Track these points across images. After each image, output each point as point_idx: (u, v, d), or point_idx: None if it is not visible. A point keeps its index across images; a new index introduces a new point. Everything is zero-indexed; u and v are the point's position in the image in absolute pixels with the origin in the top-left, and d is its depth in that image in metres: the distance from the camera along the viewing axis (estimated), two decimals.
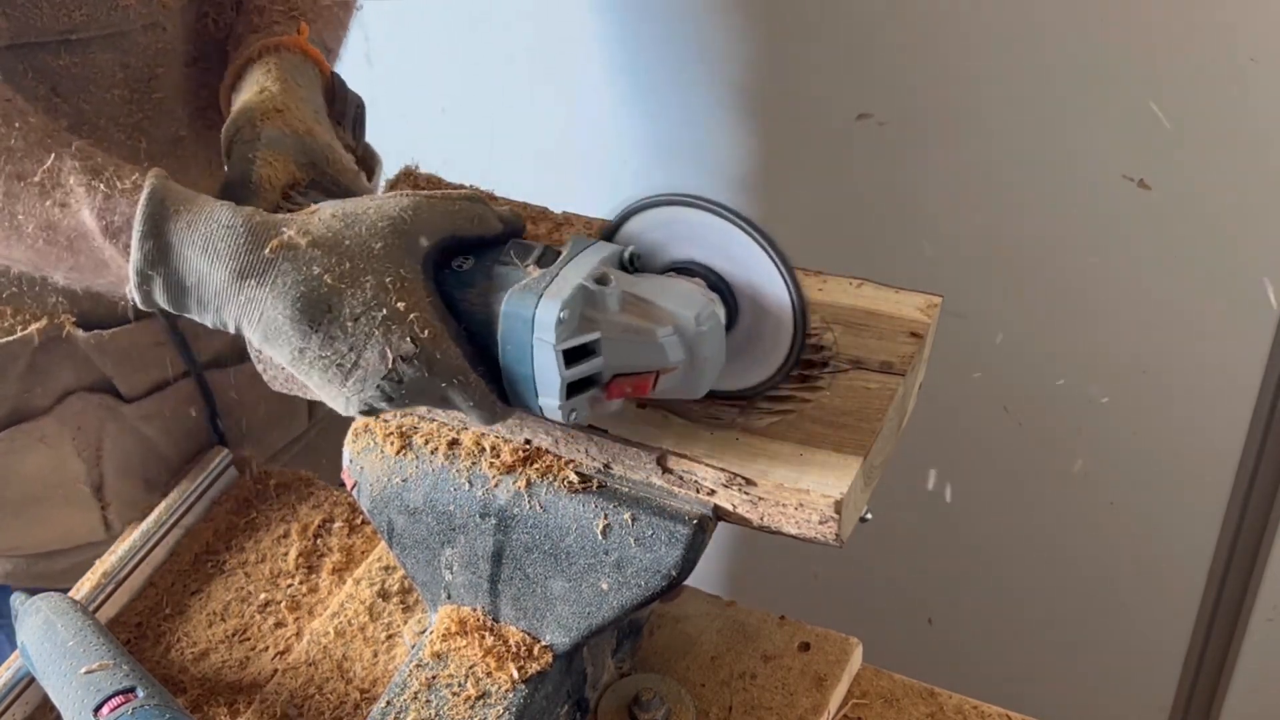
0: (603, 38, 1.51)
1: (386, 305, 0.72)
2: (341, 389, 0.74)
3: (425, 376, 0.73)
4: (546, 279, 0.73)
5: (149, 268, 0.74)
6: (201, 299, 0.75)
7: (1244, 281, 1.34)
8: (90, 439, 1.11)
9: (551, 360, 0.72)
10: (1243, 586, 1.56)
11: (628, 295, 0.74)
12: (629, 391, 0.75)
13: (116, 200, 0.76)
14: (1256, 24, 1.19)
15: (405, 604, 1.02)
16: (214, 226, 0.73)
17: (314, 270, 0.72)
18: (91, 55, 0.98)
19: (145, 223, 0.73)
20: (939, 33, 1.33)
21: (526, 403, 0.75)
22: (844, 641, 0.97)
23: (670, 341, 0.73)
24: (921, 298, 0.87)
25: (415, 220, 0.75)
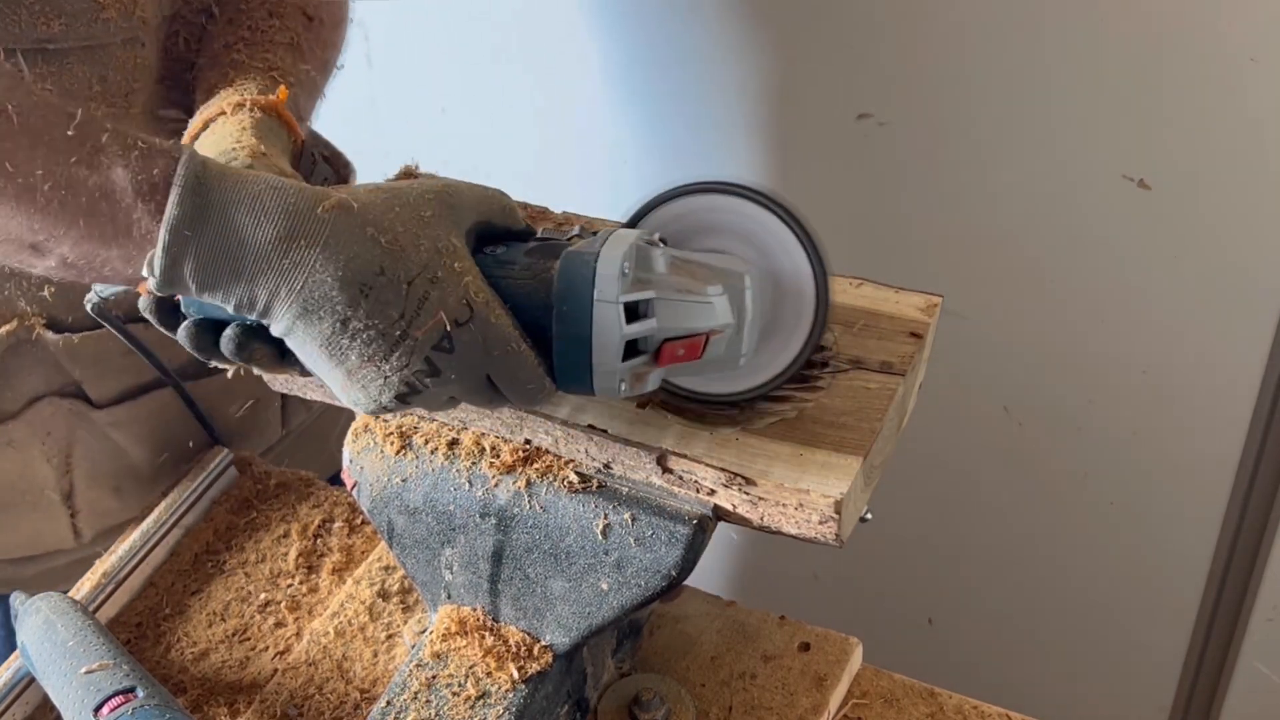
0: (602, 38, 1.51)
1: (442, 268, 0.70)
2: (383, 365, 0.71)
3: (480, 342, 0.71)
4: (600, 241, 0.72)
5: (186, 226, 0.68)
6: (238, 267, 0.69)
7: (1244, 281, 1.34)
8: (60, 445, 1.10)
9: (613, 317, 0.71)
10: (1243, 586, 1.56)
11: (676, 257, 0.74)
12: (680, 355, 0.74)
13: (154, 158, 0.71)
14: (1256, 24, 1.19)
15: (405, 604, 1.02)
16: (262, 186, 0.70)
17: (367, 231, 0.69)
18: (69, 67, 0.96)
19: (188, 178, 0.69)
20: (939, 33, 1.33)
21: (577, 373, 0.73)
22: (844, 641, 0.97)
23: (720, 300, 0.73)
24: (921, 298, 0.87)
25: (457, 196, 0.74)
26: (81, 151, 0.71)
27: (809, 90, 1.43)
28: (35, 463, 1.09)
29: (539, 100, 1.59)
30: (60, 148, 0.71)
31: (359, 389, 0.72)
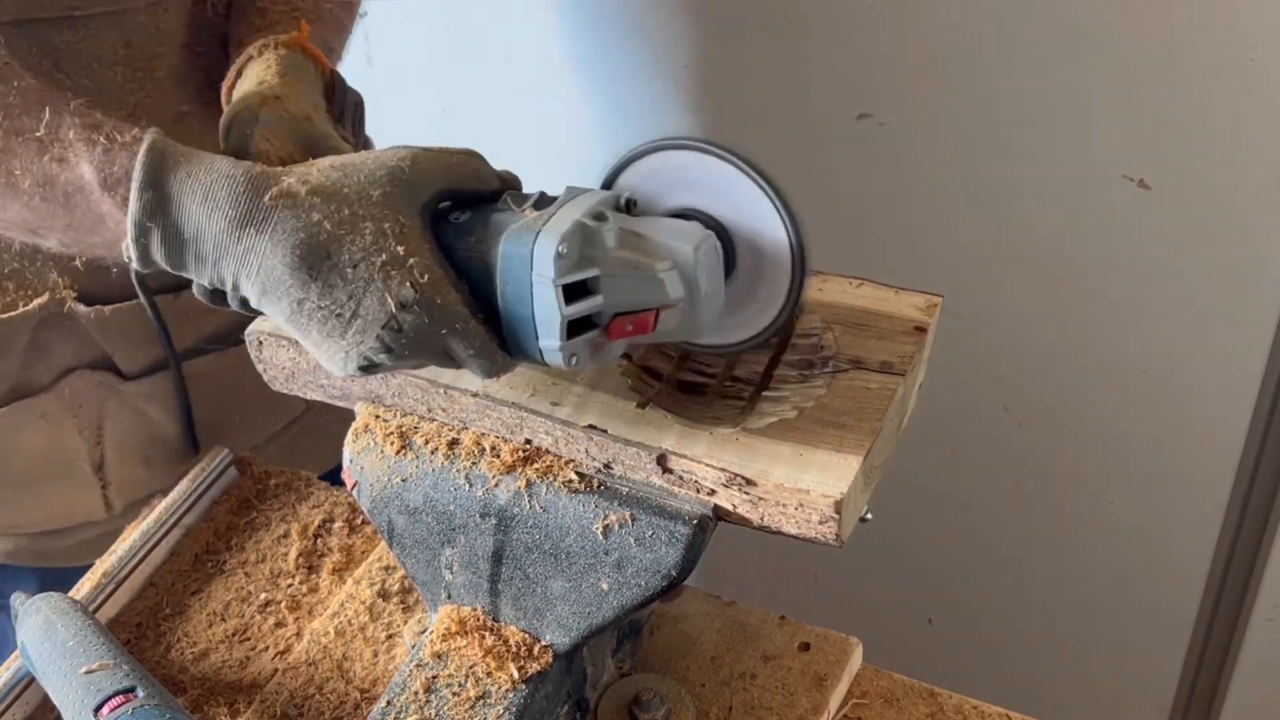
0: (602, 38, 1.51)
1: (386, 250, 0.72)
2: (341, 341, 0.74)
3: (425, 323, 0.72)
4: (544, 218, 0.73)
5: (147, 219, 0.73)
6: (200, 252, 0.74)
7: (1244, 281, 1.34)
8: (91, 417, 1.12)
9: (551, 297, 0.71)
10: (1243, 586, 1.56)
11: (625, 232, 0.74)
12: (630, 330, 0.74)
13: (116, 153, 0.76)
14: (1256, 24, 1.19)
15: (405, 604, 1.02)
16: (214, 176, 0.73)
17: (313, 217, 0.72)
18: (94, 33, 0.98)
19: (145, 173, 0.73)
20: (939, 33, 1.33)
21: (527, 348, 0.74)
22: (844, 641, 0.97)
23: (669, 276, 0.73)
24: (921, 298, 0.87)
25: (414, 170, 0.75)
26: (53, 149, 0.77)
27: (809, 90, 1.43)
28: (67, 435, 1.11)
29: (539, 100, 1.59)
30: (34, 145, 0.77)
31: (326, 358, 0.76)
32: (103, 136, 0.76)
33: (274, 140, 0.85)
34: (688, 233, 0.75)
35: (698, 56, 1.47)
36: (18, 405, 1.08)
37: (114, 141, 0.76)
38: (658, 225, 0.75)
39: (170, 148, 0.74)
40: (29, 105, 0.78)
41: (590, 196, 0.75)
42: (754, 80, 1.45)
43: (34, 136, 0.77)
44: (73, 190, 0.77)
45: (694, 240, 0.74)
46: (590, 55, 1.52)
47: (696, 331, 0.77)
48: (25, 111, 0.77)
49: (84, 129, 0.77)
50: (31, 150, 0.77)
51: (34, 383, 1.09)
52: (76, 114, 0.78)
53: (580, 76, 1.54)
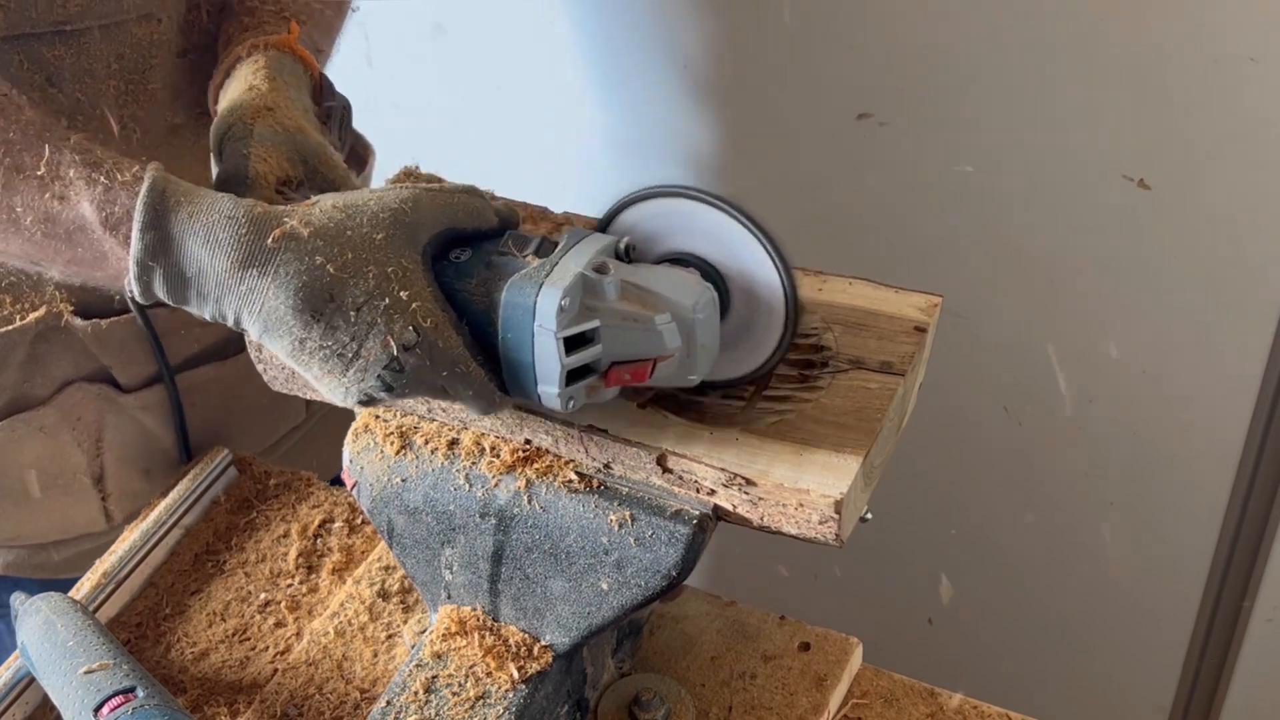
0: (603, 39, 1.51)
1: (389, 294, 0.72)
2: (341, 379, 0.75)
3: (427, 365, 0.73)
4: (546, 268, 0.73)
5: (149, 259, 0.73)
6: (201, 290, 0.74)
7: (1244, 281, 1.34)
8: (90, 430, 1.11)
9: (552, 348, 0.73)
10: (1243, 586, 1.56)
11: (626, 284, 0.75)
12: (627, 379, 0.76)
13: (116, 192, 0.76)
14: (1256, 24, 1.19)
15: (405, 604, 1.02)
16: (216, 217, 0.73)
17: (316, 260, 0.72)
18: (87, 46, 0.98)
19: (146, 213, 0.73)
20: (939, 33, 1.33)
21: (525, 391, 0.75)
22: (844, 641, 0.97)
23: (668, 329, 0.74)
24: (921, 298, 0.87)
25: (415, 212, 0.75)
26: (54, 186, 0.77)
27: (809, 90, 1.43)
28: (66, 448, 1.11)
29: (539, 100, 1.59)
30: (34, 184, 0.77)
31: (327, 391, 0.76)
32: (103, 175, 0.77)
33: (270, 159, 0.85)
34: (687, 286, 0.76)
35: (697, 56, 1.47)
36: (16, 419, 1.08)
37: (114, 180, 0.76)
38: (658, 277, 0.76)
39: (171, 186, 0.75)
40: (29, 141, 0.78)
41: (591, 244, 0.76)
42: (754, 80, 1.45)
43: (35, 175, 0.77)
44: (74, 228, 0.77)
45: (693, 295, 0.75)
46: (590, 56, 1.52)
47: (690, 380, 0.78)
48: (26, 148, 0.77)
49: (84, 166, 0.77)
50: (33, 188, 0.77)
51: (32, 396, 1.08)
52: (76, 150, 0.78)
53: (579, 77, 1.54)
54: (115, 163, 0.78)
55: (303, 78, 0.97)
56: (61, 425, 1.10)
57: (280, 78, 0.93)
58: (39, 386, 1.08)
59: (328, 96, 0.98)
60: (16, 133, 0.78)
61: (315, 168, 0.87)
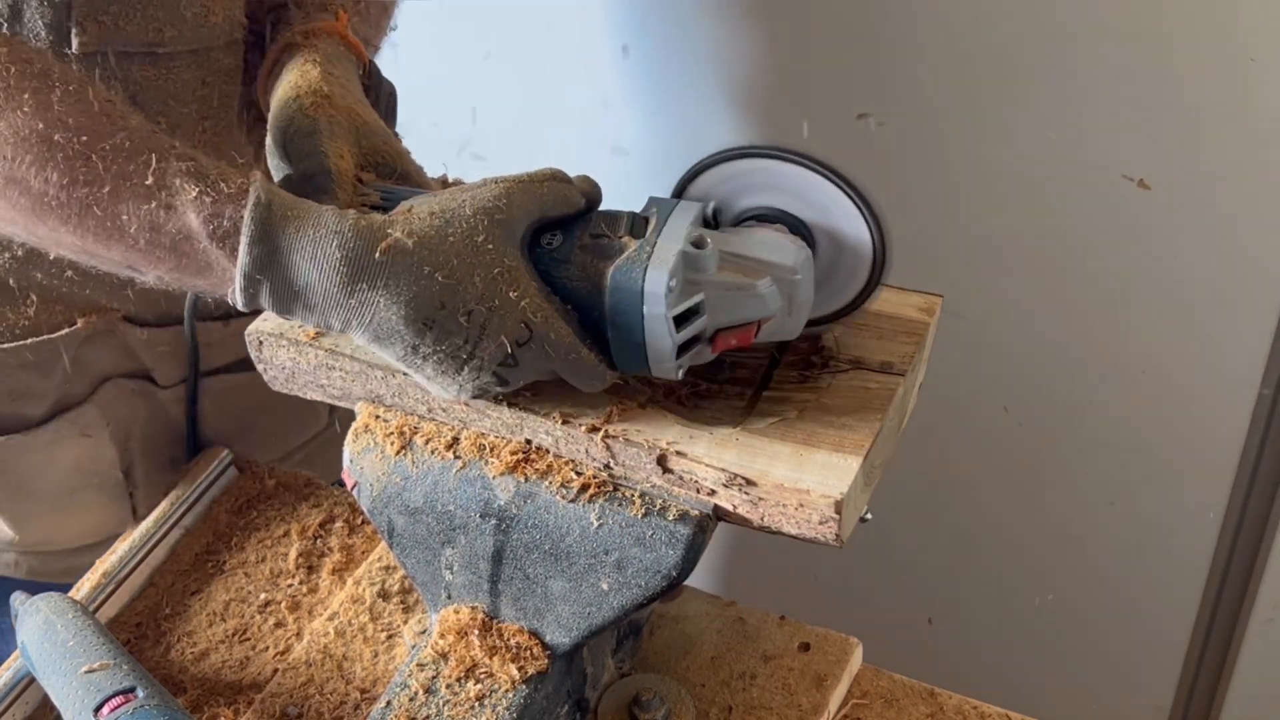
0: (603, 38, 1.51)
1: (498, 296, 0.74)
2: (456, 378, 0.77)
3: (542, 357, 0.76)
4: (646, 249, 0.75)
5: (257, 272, 0.74)
6: (309, 303, 0.75)
7: (1244, 281, 1.34)
8: (122, 424, 1.13)
9: (663, 329, 0.75)
10: (1243, 586, 1.56)
11: (725, 254, 0.77)
12: (734, 343, 0.78)
13: (223, 204, 0.76)
14: (1256, 24, 1.19)
15: (405, 604, 1.02)
16: (323, 232, 0.74)
17: (424, 270, 0.74)
18: (176, 70, 0.99)
19: (255, 228, 0.74)
20: (939, 33, 1.33)
21: (636, 367, 0.78)
22: (844, 641, 0.97)
23: (770, 292, 0.77)
24: (921, 298, 0.87)
25: (510, 208, 0.77)
26: (160, 195, 0.77)
27: (809, 90, 1.43)
28: (103, 445, 1.12)
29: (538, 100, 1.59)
30: (141, 193, 0.77)
31: (439, 389, 0.79)
32: (209, 186, 0.77)
33: (345, 153, 0.86)
34: (783, 246, 0.78)
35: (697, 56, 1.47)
36: (61, 420, 1.09)
37: (220, 192, 0.76)
38: (752, 240, 0.79)
39: (277, 200, 0.75)
40: (137, 149, 0.77)
41: (681, 215, 0.78)
42: (754, 80, 1.45)
43: (142, 183, 0.76)
44: (180, 238, 0.77)
45: (791, 255, 0.77)
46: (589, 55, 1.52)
47: (791, 333, 0.80)
48: (133, 155, 0.77)
49: (190, 176, 0.77)
50: (139, 196, 0.77)
51: (73, 394, 1.09)
52: (182, 158, 0.78)
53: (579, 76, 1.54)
54: (221, 173, 0.78)
55: (351, 65, 0.98)
56: (100, 422, 1.11)
57: (330, 65, 0.94)
58: (79, 385, 1.09)
59: (375, 83, 1.00)
60: (125, 139, 0.78)
61: (381, 153, 0.89)
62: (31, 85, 0.78)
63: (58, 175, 0.77)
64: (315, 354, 0.87)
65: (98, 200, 0.77)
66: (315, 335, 0.88)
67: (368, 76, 0.99)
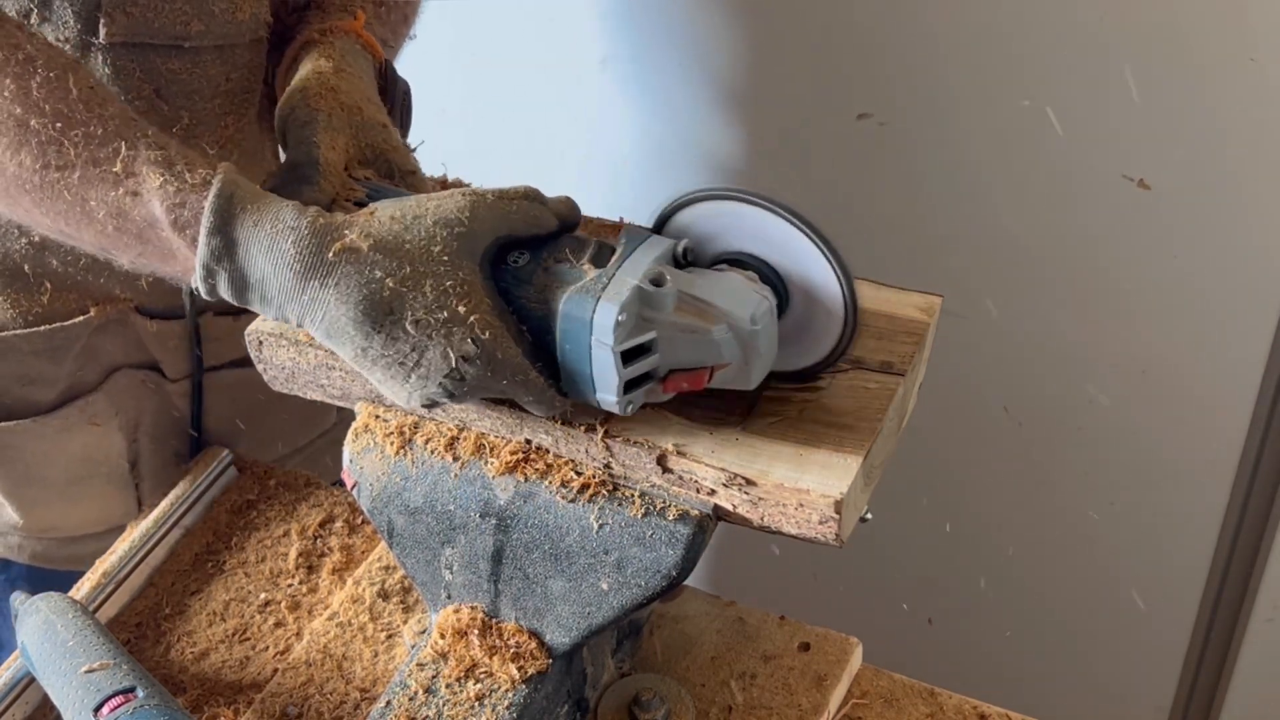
0: (603, 38, 1.51)
1: (447, 308, 0.74)
2: (404, 385, 0.76)
3: (487, 375, 0.75)
4: (603, 280, 0.74)
5: (214, 263, 0.75)
6: (265, 295, 0.76)
7: (1244, 281, 1.34)
8: (130, 415, 1.13)
9: (609, 361, 0.74)
10: (1243, 586, 1.56)
11: (683, 295, 0.75)
12: (685, 386, 0.77)
13: (187, 194, 0.77)
14: (1256, 24, 1.19)
15: (405, 604, 1.02)
16: (279, 227, 0.74)
17: (376, 274, 0.74)
18: (202, 65, 1.00)
19: (213, 218, 0.74)
20: (939, 33, 1.33)
21: (584, 397, 0.77)
22: (844, 641, 0.97)
23: (725, 339, 0.75)
24: (921, 298, 0.87)
25: (473, 222, 0.76)
26: (127, 182, 0.78)
27: (809, 90, 1.43)
28: (111, 434, 1.13)
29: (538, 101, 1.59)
30: (109, 179, 0.78)
31: (390, 395, 0.78)
32: (174, 175, 0.78)
33: (337, 145, 0.86)
34: (745, 295, 0.76)
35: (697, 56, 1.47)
36: (70, 408, 1.10)
37: (184, 182, 0.77)
38: (715, 285, 0.76)
39: (239, 192, 0.76)
40: (108, 137, 0.79)
41: (649, 250, 0.76)
42: (754, 80, 1.45)
43: (110, 170, 0.78)
44: (145, 226, 0.78)
45: (751, 305, 0.75)
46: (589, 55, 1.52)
47: (747, 384, 0.78)
48: (104, 143, 0.78)
49: (156, 165, 0.78)
50: (107, 183, 0.78)
51: (84, 383, 1.10)
52: (152, 146, 0.79)
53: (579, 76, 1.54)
54: (188, 163, 0.79)
55: (367, 62, 0.98)
56: (109, 412, 1.12)
57: (344, 61, 0.95)
58: (90, 373, 1.10)
59: (390, 82, 1.00)
60: (98, 126, 0.79)
61: (379, 149, 0.89)
62: (14, 70, 0.79)
63: (30, 159, 0.78)
64: (315, 354, 0.87)
65: (68, 185, 0.78)
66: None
67: (383, 76, 1.00)
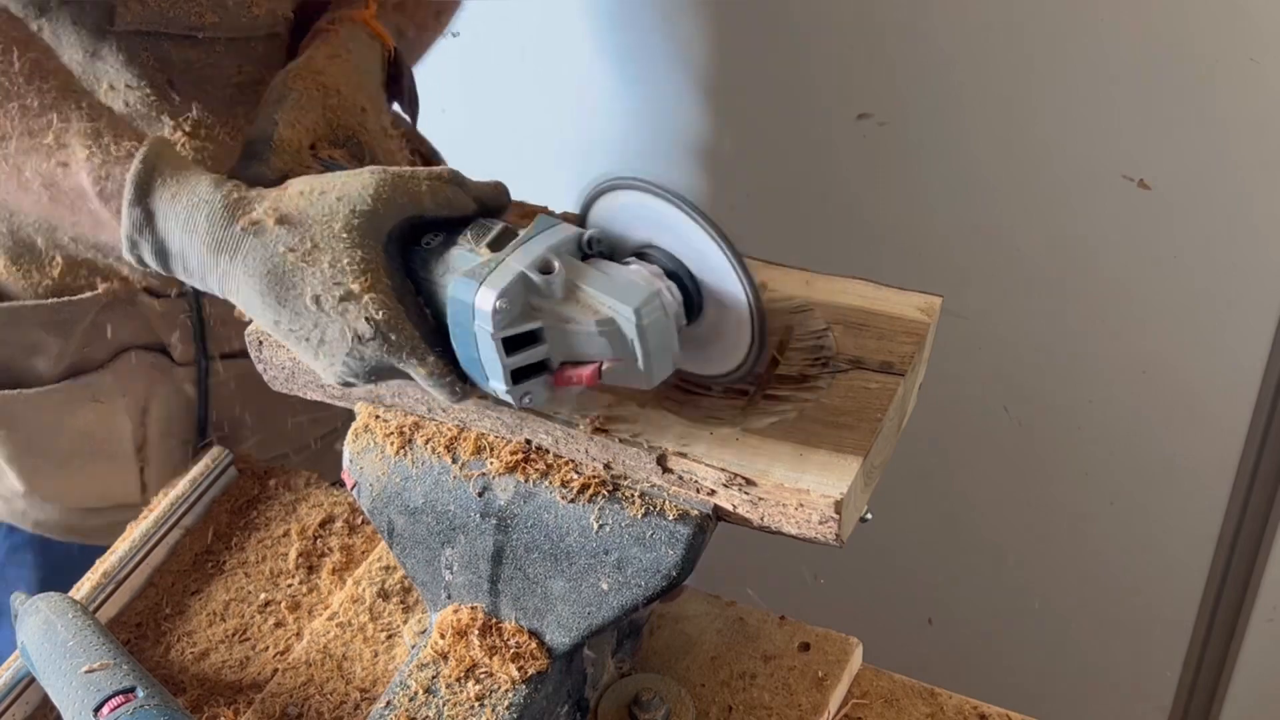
0: (602, 38, 1.51)
1: (342, 286, 0.74)
2: (315, 361, 0.77)
3: (385, 355, 0.75)
4: (491, 265, 0.73)
5: (136, 233, 0.77)
6: (186, 266, 0.78)
7: (1244, 281, 1.34)
8: (139, 397, 1.13)
9: (492, 347, 0.72)
10: (1243, 586, 1.56)
11: (570, 284, 0.73)
12: (574, 380, 0.74)
13: (111, 166, 0.79)
14: (1256, 24, 1.19)
15: (405, 604, 1.02)
16: (194, 200, 0.76)
17: (278, 249, 0.75)
18: (216, 56, 1.01)
19: (133, 190, 0.76)
20: (939, 33, 1.33)
21: (480, 384, 0.76)
22: (844, 641, 0.97)
23: (607, 331, 0.73)
24: (921, 298, 0.87)
25: (376, 200, 0.75)
26: (59, 154, 0.80)
27: (809, 90, 1.43)
28: (116, 414, 1.13)
29: (539, 101, 1.59)
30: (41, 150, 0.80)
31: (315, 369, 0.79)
32: (100, 147, 0.79)
33: (299, 122, 0.86)
34: (636, 288, 0.73)
35: (697, 56, 1.47)
36: (74, 383, 1.10)
37: (109, 154, 0.79)
38: (608, 276, 0.74)
39: (161, 163, 0.77)
40: (44, 109, 0.81)
41: (550, 236, 0.74)
42: (754, 80, 1.45)
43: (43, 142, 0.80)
44: (75, 196, 0.80)
45: (639, 299, 0.72)
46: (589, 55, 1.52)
47: (647, 382, 0.75)
48: (40, 114, 0.81)
49: (87, 136, 0.80)
50: (41, 154, 0.80)
51: (91, 360, 1.11)
52: (84, 118, 0.80)
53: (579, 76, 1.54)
54: (115, 134, 0.80)
55: (373, 50, 0.98)
56: (115, 391, 1.12)
57: (343, 46, 0.95)
58: (98, 350, 1.11)
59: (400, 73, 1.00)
60: (34, 98, 0.81)
61: (351, 130, 0.89)
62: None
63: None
64: None
65: (5, 155, 0.81)
66: None
67: (393, 65, 1.00)
